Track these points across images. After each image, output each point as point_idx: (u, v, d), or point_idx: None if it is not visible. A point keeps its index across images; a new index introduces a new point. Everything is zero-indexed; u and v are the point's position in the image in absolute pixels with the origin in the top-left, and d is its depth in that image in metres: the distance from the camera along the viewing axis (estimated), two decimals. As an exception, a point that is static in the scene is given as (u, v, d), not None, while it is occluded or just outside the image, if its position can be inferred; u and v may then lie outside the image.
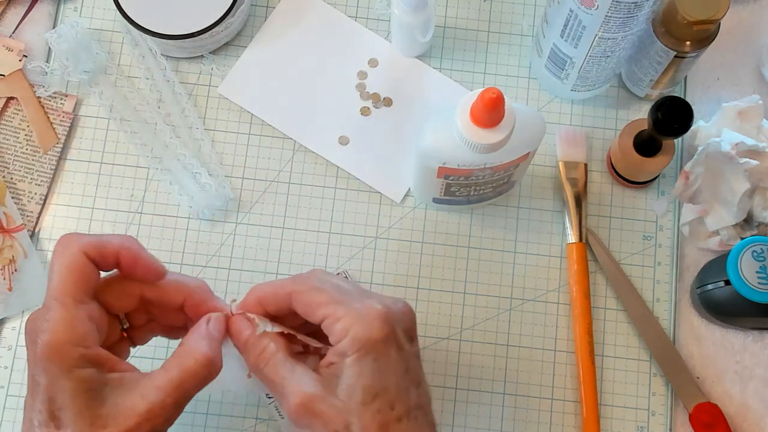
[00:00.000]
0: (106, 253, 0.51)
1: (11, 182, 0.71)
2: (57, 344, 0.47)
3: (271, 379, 0.51)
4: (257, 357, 0.52)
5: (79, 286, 0.49)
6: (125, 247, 0.51)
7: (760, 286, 0.62)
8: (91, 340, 0.49)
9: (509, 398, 0.68)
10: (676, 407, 0.68)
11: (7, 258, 0.69)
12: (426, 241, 0.71)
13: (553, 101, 0.74)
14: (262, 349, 0.52)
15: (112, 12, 0.74)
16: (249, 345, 0.52)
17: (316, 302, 0.51)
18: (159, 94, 0.73)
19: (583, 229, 0.70)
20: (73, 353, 0.48)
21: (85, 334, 0.48)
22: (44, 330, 0.48)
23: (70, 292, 0.49)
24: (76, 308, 0.49)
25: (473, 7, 0.76)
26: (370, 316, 0.50)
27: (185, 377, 0.50)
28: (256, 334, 0.52)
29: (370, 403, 0.49)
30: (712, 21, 0.62)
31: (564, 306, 0.70)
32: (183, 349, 0.51)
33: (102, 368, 0.49)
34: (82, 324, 0.49)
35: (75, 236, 0.51)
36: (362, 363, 0.49)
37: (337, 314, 0.50)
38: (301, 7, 0.75)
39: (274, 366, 0.51)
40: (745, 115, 0.69)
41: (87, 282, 0.50)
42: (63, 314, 0.48)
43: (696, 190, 0.68)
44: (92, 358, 0.48)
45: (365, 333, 0.49)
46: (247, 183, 0.72)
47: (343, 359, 0.49)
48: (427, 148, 0.59)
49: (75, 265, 0.50)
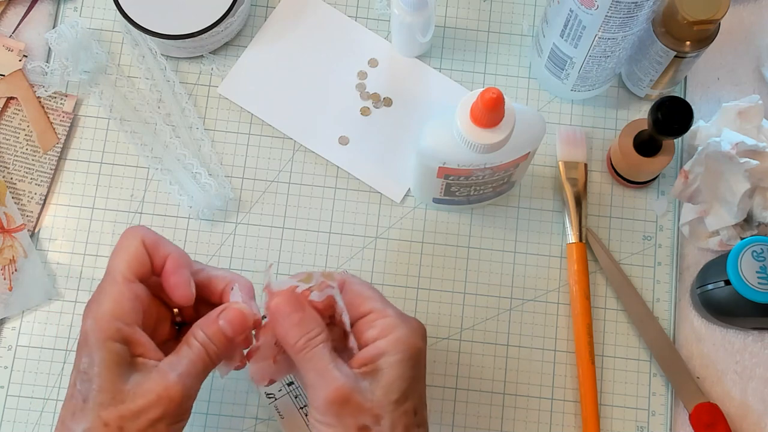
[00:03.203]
0: (158, 252, 0.54)
1: (11, 182, 0.71)
2: (100, 315, 0.51)
3: (314, 362, 0.51)
4: (308, 337, 0.52)
5: (130, 266, 0.53)
6: (175, 257, 0.54)
7: (760, 286, 0.62)
8: (131, 319, 0.52)
9: (509, 398, 0.68)
10: (676, 407, 0.68)
11: (7, 258, 0.69)
12: (426, 241, 0.71)
13: (553, 101, 0.74)
14: (316, 331, 0.52)
15: (112, 12, 0.74)
16: (302, 323, 0.52)
17: (366, 295, 0.53)
18: (159, 94, 0.73)
19: (583, 229, 0.70)
20: (112, 325, 0.51)
21: (127, 311, 0.52)
22: (93, 300, 0.52)
23: (122, 270, 0.53)
24: (124, 285, 0.52)
25: (473, 7, 0.76)
26: (414, 325, 0.53)
27: (191, 364, 0.52)
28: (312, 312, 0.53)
29: (402, 404, 0.51)
30: (712, 21, 0.62)
31: (564, 306, 0.70)
32: (191, 335, 0.53)
33: (134, 349, 0.51)
34: (127, 300, 0.52)
35: (140, 228, 0.55)
36: (403, 366, 0.51)
37: (385, 312, 0.53)
38: (301, 7, 0.75)
39: (322, 350, 0.51)
40: (745, 115, 0.69)
41: (139, 265, 0.53)
42: (111, 288, 0.52)
43: (695, 190, 0.68)
44: (127, 336, 0.51)
45: (411, 339, 0.52)
46: (247, 183, 0.72)
47: (384, 357, 0.51)
48: (427, 148, 0.59)
49: (131, 249, 0.53)
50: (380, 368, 0.51)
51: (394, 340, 0.51)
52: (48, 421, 0.67)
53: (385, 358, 0.51)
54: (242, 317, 0.53)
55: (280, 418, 0.66)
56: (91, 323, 0.51)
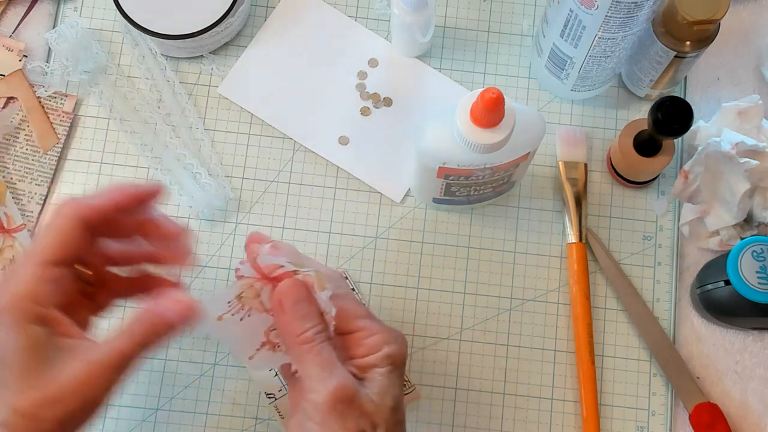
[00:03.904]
0: (104, 209, 0.51)
1: (11, 182, 0.71)
2: (15, 298, 0.47)
3: (322, 356, 0.50)
4: (316, 330, 0.51)
5: (56, 250, 0.49)
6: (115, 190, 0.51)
7: (760, 286, 0.62)
8: (49, 301, 0.48)
9: (509, 398, 0.68)
10: (676, 407, 0.68)
11: (7, 258, 0.69)
12: (426, 241, 0.71)
13: (553, 101, 0.74)
14: (324, 325, 0.51)
15: (112, 12, 0.74)
16: (310, 315, 0.51)
17: (355, 313, 0.53)
18: (159, 94, 0.73)
19: (583, 229, 0.70)
20: (29, 309, 0.47)
21: (45, 293, 0.48)
22: (7, 280, 0.48)
23: (45, 254, 0.49)
24: (43, 268, 0.49)
25: (473, 7, 0.76)
26: (399, 339, 0.53)
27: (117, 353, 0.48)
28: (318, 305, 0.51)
29: (396, 413, 0.51)
30: (712, 21, 0.62)
31: (564, 306, 0.70)
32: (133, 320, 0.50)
33: (54, 330, 0.48)
34: (45, 283, 0.48)
35: (75, 203, 0.50)
36: (392, 376, 0.51)
37: (372, 329, 0.52)
38: (301, 7, 0.75)
39: (328, 345, 0.51)
40: (745, 115, 0.69)
41: (67, 247, 0.50)
42: (28, 270, 0.48)
43: (695, 190, 0.68)
44: (46, 318, 0.48)
45: (398, 352, 0.52)
46: (247, 183, 0.72)
47: (374, 369, 0.51)
48: (427, 148, 0.59)
49: (61, 231, 0.50)
50: (373, 377, 0.51)
51: (384, 356, 0.51)
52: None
53: (377, 368, 0.51)
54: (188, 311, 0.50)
55: (280, 418, 0.66)
56: (3, 305, 0.47)
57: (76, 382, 0.47)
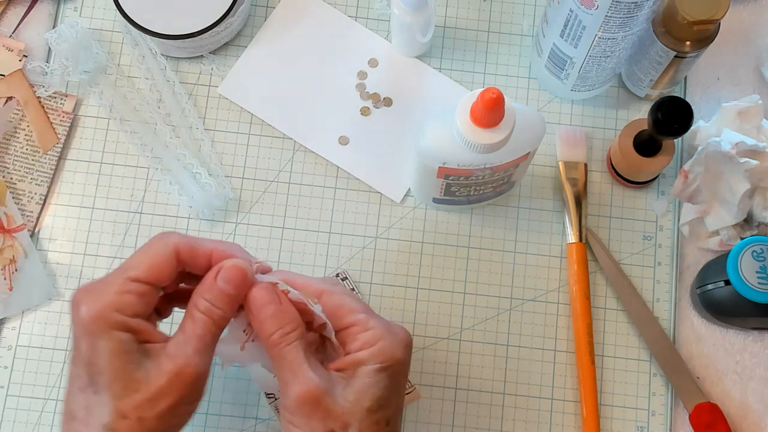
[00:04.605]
0: (197, 253, 0.52)
1: (11, 182, 0.71)
2: (101, 308, 0.49)
3: (287, 359, 0.51)
4: (283, 332, 0.51)
5: (149, 271, 0.51)
6: (219, 249, 0.53)
7: (760, 286, 0.62)
8: (133, 311, 0.50)
9: (509, 398, 0.68)
10: (676, 407, 0.68)
11: (7, 258, 0.69)
12: (426, 241, 0.71)
13: (553, 101, 0.74)
14: (292, 327, 0.51)
15: (112, 12, 0.74)
16: (278, 315, 0.51)
17: (348, 308, 0.53)
18: (159, 94, 0.73)
19: (583, 229, 0.70)
20: (114, 317, 0.49)
21: (129, 304, 0.50)
22: (90, 289, 0.50)
23: (139, 270, 0.51)
24: (130, 282, 0.50)
25: (473, 7, 0.76)
26: (399, 336, 0.52)
27: (199, 340, 0.50)
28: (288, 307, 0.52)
29: (374, 413, 0.51)
30: (712, 21, 0.62)
31: (564, 306, 0.70)
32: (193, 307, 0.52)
33: (139, 336, 0.50)
34: (130, 295, 0.50)
35: (174, 234, 0.53)
36: (380, 375, 0.51)
37: (367, 324, 0.52)
38: (301, 7, 0.75)
39: (296, 348, 0.51)
40: (745, 115, 0.69)
41: (159, 273, 0.51)
42: (117, 282, 0.50)
43: (695, 190, 0.68)
44: (131, 326, 0.50)
45: (391, 350, 0.51)
46: (247, 183, 0.72)
47: (361, 366, 0.51)
48: (427, 148, 0.59)
49: (158, 255, 0.51)
50: (357, 375, 0.51)
51: (376, 351, 0.51)
52: (48, 421, 0.67)
53: (364, 366, 0.51)
54: (240, 272, 0.51)
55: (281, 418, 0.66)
56: (86, 311, 0.49)
57: (171, 378, 0.49)
